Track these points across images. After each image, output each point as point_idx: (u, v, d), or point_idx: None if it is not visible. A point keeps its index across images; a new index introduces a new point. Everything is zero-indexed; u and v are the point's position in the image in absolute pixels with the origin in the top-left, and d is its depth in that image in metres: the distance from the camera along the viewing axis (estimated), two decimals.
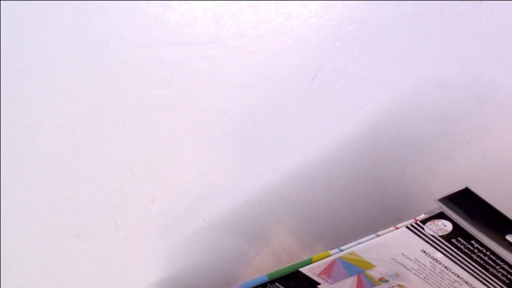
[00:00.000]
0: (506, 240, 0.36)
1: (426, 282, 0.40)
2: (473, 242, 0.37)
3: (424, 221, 0.36)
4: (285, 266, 0.41)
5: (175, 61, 0.46)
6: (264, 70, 0.46)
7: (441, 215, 0.36)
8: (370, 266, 0.40)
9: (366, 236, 0.38)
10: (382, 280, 0.41)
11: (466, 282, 0.39)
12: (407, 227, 0.37)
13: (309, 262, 0.41)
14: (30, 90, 0.47)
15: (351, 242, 0.39)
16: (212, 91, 0.47)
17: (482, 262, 0.37)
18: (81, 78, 0.47)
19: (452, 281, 0.39)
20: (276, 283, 0.42)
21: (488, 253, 0.37)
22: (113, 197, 0.49)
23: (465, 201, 0.35)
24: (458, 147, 0.47)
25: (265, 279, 0.42)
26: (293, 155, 0.47)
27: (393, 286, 0.41)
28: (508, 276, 0.38)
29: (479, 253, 0.37)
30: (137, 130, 0.48)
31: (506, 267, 0.37)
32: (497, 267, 0.37)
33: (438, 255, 0.38)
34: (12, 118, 0.48)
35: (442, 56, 0.45)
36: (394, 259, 0.39)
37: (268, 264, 0.50)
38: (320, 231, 0.49)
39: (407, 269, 0.40)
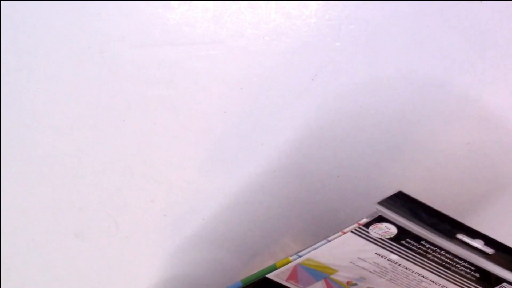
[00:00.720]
0: (457, 239, 0.35)
1: (394, 283, 0.40)
2: (423, 242, 0.36)
3: (367, 225, 0.36)
4: (253, 273, 0.41)
5: (175, 61, 0.46)
6: (264, 70, 0.46)
7: (381, 218, 0.36)
8: (332, 271, 0.40)
9: (318, 242, 0.38)
10: (350, 283, 0.41)
11: (434, 282, 0.38)
12: (352, 232, 0.37)
13: (273, 268, 0.41)
14: (30, 90, 0.47)
15: (307, 248, 0.39)
16: (212, 91, 0.47)
17: (440, 261, 0.37)
18: (81, 78, 0.47)
19: (418, 281, 0.39)
20: None
21: (442, 252, 0.36)
22: (113, 197, 0.49)
23: (403, 204, 0.35)
24: (458, 147, 0.47)
25: (239, 285, 0.42)
26: (293, 155, 0.47)
27: None
28: (473, 273, 0.37)
29: (433, 253, 0.37)
30: (137, 130, 0.48)
31: (466, 264, 0.36)
32: (458, 265, 0.37)
33: (393, 257, 0.38)
34: (12, 118, 0.48)
35: (442, 56, 0.45)
36: (353, 263, 0.39)
37: (267, 264, 0.50)
38: (320, 231, 0.49)
39: (369, 272, 0.39)
